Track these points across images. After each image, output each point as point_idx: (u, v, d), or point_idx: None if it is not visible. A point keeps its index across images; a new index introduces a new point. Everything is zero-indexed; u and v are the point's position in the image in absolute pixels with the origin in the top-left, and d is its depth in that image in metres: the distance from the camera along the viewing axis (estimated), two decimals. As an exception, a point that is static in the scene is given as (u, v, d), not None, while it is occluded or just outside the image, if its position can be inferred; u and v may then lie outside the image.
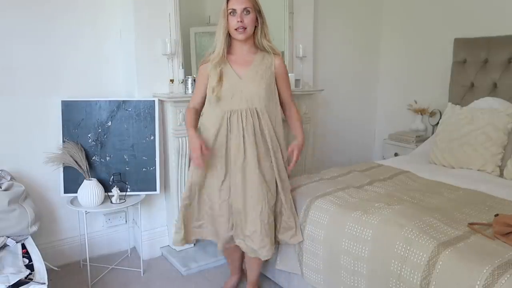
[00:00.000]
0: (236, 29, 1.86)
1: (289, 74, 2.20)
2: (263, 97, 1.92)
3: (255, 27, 1.91)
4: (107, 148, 2.48)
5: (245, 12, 1.84)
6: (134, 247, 2.83)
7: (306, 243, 2.00)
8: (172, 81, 2.57)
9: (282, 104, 2.08)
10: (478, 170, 2.49)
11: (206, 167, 1.98)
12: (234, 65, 1.94)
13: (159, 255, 2.75)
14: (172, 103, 2.49)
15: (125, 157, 2.49)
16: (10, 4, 2.30)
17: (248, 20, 1.85)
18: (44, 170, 2.41)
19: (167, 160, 2.66)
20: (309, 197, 2.07)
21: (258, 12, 1.90)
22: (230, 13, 1.85)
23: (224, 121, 1.93)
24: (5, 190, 2.05)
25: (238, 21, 1.83)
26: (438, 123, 3.11)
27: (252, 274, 2.23)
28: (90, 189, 2.31)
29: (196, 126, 1.99)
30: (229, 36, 1.92)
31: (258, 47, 1.98)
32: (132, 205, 2.45)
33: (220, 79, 1.92)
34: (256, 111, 1.92)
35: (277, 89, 2.03)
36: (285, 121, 2.12)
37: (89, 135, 2.46)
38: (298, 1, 3.11)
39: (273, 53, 1.98)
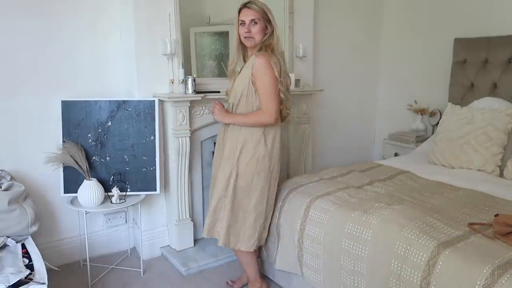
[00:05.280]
0: (245, 37, 2.04)
1: (289, 74, 2.19)
2: (239, 95, 2.08)
3: (265, 33, 2.05)
4: (107, 148, 2.48)
5: (252, 23, 2.01)
6: (134, 247, 2.83)
7: (306, 243, 2.00)
8: (172, 81, 2.57)
9: None
10: (478, 170, 2.49)
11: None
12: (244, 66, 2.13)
13: (159, 255, 2.75)
14: (172, 103, 2.49)
15: (125, 157, 2.49)
16: (10, 4, 2.30)
17: (256, 30, 2.01)
18: (44, 170, 2.40)
19: (167, 160, 2.66)
20: (309, 197, 2.07)
21: (268, 21, 2.03)
22: (240, 24, 2.04)
23: None
24: (5, 190, 2.05)
25: (245, 32, 2.02)
26: (438, 123, 3.11)
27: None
28: (90, 189, 2.31)
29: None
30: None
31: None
32: (132, 205, 2.45)
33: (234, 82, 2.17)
34: (232, 105, 2.13)
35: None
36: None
37: (89, 135, 2.46)
38: (298, 1, 3.11)
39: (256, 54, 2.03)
